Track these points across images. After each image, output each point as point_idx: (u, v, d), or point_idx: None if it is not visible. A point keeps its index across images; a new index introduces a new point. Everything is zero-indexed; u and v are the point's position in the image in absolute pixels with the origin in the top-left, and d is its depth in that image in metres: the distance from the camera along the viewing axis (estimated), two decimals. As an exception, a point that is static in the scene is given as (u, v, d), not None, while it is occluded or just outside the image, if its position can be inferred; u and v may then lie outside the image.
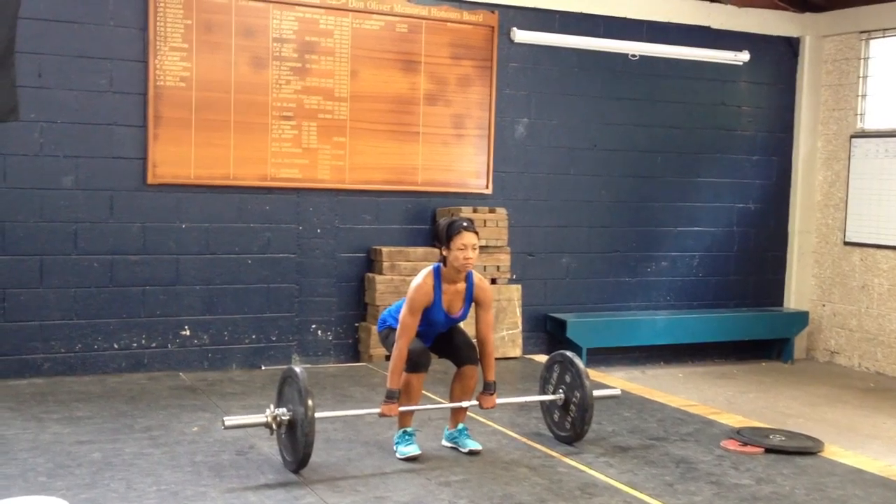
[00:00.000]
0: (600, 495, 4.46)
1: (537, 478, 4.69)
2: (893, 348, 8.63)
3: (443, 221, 4.93)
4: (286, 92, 7.27)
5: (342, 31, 7.43)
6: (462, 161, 7.95)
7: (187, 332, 7.09)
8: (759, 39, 9.07)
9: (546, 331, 8.35)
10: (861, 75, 8.97)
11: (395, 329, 4.93)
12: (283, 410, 4.63)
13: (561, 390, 5.30)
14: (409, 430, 5.00)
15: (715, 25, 8.85)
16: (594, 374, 7.42)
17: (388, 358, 6.87)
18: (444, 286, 4.88)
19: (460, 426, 5.14)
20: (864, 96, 8.98)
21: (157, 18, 6.83)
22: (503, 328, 7.82)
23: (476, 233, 4.87)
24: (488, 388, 5.02)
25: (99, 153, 6.78)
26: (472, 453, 5.02)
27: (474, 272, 4.98)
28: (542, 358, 8.01)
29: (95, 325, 6.82)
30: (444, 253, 4.84)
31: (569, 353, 5.33)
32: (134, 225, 6.90)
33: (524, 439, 5.39)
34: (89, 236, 6.77)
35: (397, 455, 4.92)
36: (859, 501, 4.50)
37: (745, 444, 5.32)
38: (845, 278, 9.09)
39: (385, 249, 7.46)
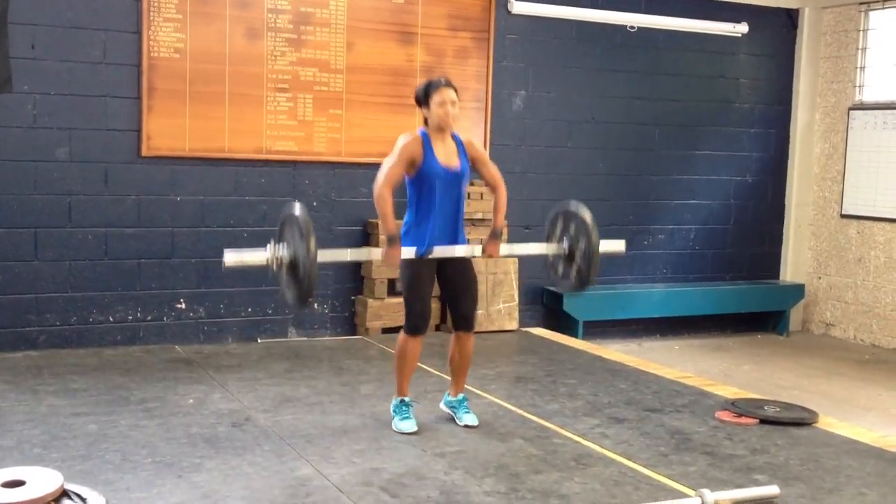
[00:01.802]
0: (595, 465, 4.47)
1: (532, 449, 4.70)
2: (889, 320, 8.64)
3: (421, 83, 4.94)
4: (281, 63, 7.22)
5: (338, 2, 7.37)
6: (459, 134, 7.88)
7: (183, 306, 7.08)
8: (757, 11, 9.01)
9: (543, 304, 8.35)
10: (860, 47, 8.92)
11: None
12: (283, 250, 4.38)
13: (565, 240, 5.08)
14: (406, 399, 4.99)
15: (714, -3, 8.80)
16: (590, 347, 7.45)
17: (383, 330, 6.86)
18: (434, 144, 4.85)
19: (461, 396, 5.14)
20: (862, 68, 8.93)
21: (151, -11, 6.77)
22: (500, 301, 7.82)
23: (455, 89, 4.88)
24: (495, 235, 4.97)
25: (93, 125, 6.74)
26: (467, 427, 5.02)
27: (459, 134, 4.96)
28: (540, 331, 8.03)
29: (91, 298, 6.81)
30: (425, 114, 4.87)
31: (572, 205, 5.10)
32: (128, 197, 6.88)
33: (520, 411, 5.40)
34: (84, 209, 6.75)
35: (394, 427, 4.92)
36: (853, 472, 4.51)
37: (740, 415, 5.33)
38: (842, 251, 9.09)
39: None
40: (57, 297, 6.71)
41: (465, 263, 4.98)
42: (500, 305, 7.83)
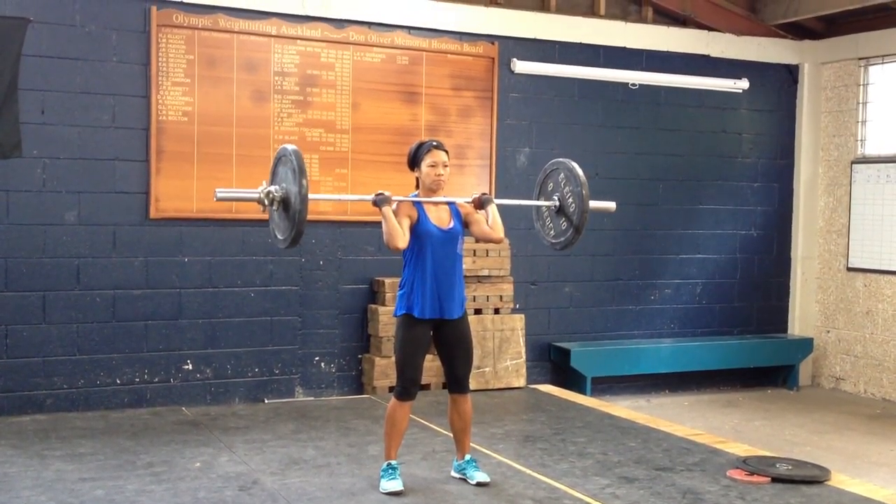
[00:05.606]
0: (606, 528, 4.42)
1: (543, 511, 4.66)
2: (899, 374, 8.60)
3: (412, 146, 5.02)
4: (288, 125, 7.30)
5: (343, 64, 7.48)
6: (464, 191, 7.94)
7: (190, 367, 7.07)
8: (758, 67, 9.11)
9: (550, 360, 8.32)
10: (860, 101, 9.00)
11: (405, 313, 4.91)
12: (276, 187, 4.58)
13: (555, 196, 5.26)
14: (393, 463, 4.96)
15: (714, 54, 8.89)
16: (598, 404, 7.40)
17: (390, 389, 6.83)
18: (426, 206, 4.93)
19: (467, 457, 5.11)
20: (863, 122, 9.00)
21: (160, 54, 6.87)
22: (507, 358, 7.80)
23: (446, 151, 4.97)
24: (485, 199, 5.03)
25: (101, 188, 6.80)
26: (479, 485, 4.99)
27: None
28: (547, 387, 7.99)
29: (98, 361, 6.80)
30: (417, 175, 4.96)
31: (559, 160, 5.30)
32: (136, 259, 6.91)
33: (529, 471, 5.36)
34: (92, 271, 6.78)
35: (380, 489, 4.88)
36: (868, 531, 4.46)
37: (752, 473, 5.28)
38: (849, 304, 9.07)
39: (388, 280, 7.45)
40: (65, 360, 6.71)
41: (460, 324, 5.00)
42: (507, 362, 7.81)
